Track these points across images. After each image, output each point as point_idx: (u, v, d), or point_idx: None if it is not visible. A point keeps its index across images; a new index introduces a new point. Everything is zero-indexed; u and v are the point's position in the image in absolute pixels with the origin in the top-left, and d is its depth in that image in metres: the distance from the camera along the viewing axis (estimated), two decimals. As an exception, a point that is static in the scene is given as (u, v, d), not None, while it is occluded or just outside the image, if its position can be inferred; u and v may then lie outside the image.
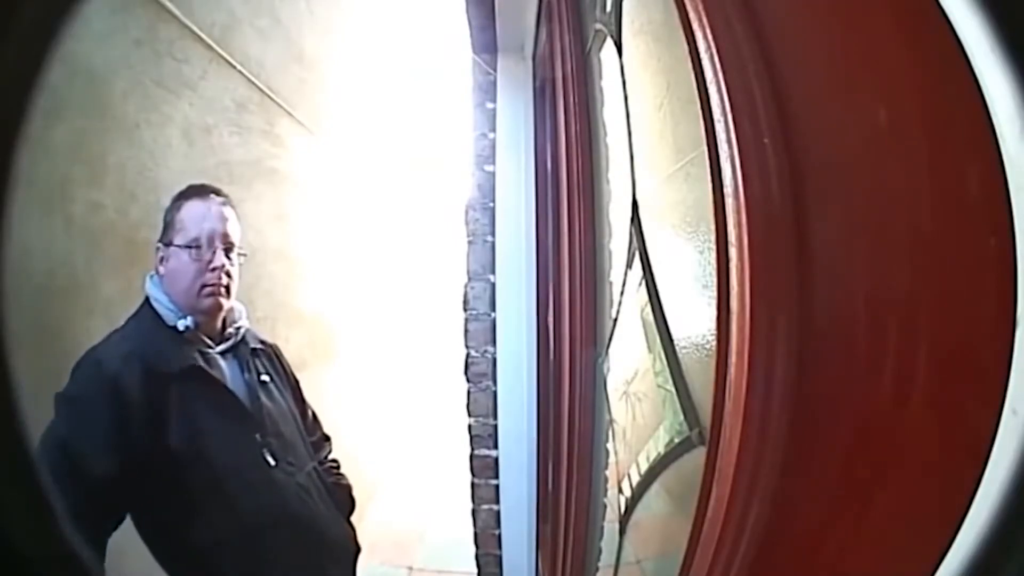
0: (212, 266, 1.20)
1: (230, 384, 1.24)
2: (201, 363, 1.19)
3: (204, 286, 1.20)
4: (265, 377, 1.31)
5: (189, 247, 1.20)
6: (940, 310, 0.33)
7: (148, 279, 1.23)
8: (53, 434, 1.04)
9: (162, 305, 1.20)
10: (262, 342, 1.37)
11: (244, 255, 1.28)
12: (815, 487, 0.42)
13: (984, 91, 0.27)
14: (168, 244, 1.22)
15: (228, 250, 1.23)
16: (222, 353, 1.26)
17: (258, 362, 1.32)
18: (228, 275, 1.23)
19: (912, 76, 0.34)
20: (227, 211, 1.25)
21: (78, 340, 1.41)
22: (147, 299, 1.22)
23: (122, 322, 1.22)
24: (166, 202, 1.27)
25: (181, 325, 1.19)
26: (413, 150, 4.92)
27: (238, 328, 1.29)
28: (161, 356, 1.16)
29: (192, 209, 1.22)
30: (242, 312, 1.32)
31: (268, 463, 1.22)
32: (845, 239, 0.40)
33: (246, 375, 1.28)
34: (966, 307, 0.31)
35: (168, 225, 1.23)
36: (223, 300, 1.23)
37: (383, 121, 4.15)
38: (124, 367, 1.11)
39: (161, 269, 1.23)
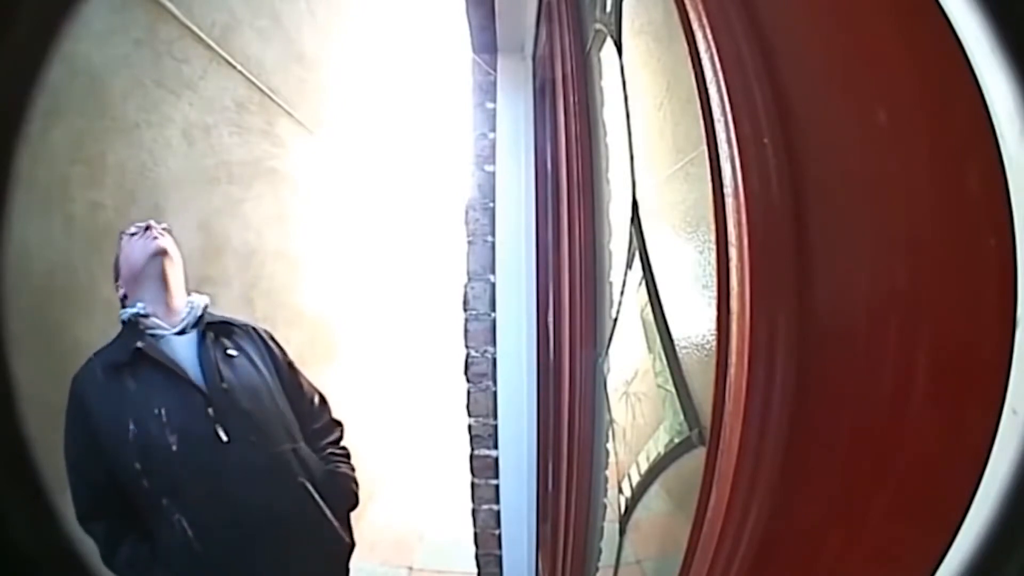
0: (153, 235, 1.28)
1: (180, 360, 1.23)
2: (145, 345, 1.21)
3: (148, 248, 1.27)
4: (233, 351, 1.29)
5: (131, 235, 1.29)
6: (940, 310, 0.33)
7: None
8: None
9: (124, 312, 1.26)
10: (237, 322, 1.38)
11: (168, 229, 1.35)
12: (815, 487, 0.42)
13: (984, 91, 0.27)
14: (117, 276, 1.30)
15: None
16: (180, 332, 1.27)
17: (225, 339, 1.31)
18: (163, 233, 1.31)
19: (912, 76, 0.34)
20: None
21: (78, 340, 1.41)
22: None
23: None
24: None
25: (126, 315, 1.24)
26: (413, 150, 4.92)
27: (191, 304, 1.30)
28: (114, 350, 1.22)
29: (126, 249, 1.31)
30: (203, 298, 1.35)
31: (220, 439, 1.18)
32: (845, 239, 0.40)
33: (205, 351, 1.26)
34: (966, 307, 0.31)
35: (116, 268, 1.31)
36: (164, 243, 1.29)
37: (383, 121, 4.15)
38: (90, 377, 1.19)
39: (122, 291, 1.29)
